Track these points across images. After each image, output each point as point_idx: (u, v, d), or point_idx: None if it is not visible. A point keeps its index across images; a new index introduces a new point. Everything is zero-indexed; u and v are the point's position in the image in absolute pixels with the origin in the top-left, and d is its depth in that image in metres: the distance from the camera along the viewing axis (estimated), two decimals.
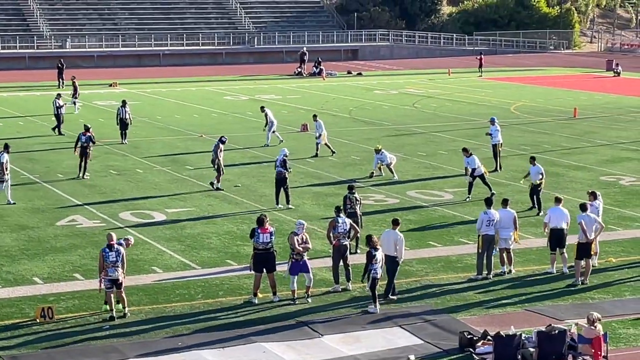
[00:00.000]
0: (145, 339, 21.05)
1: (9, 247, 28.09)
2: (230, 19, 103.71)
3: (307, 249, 23.51)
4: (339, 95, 67.13)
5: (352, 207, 26.92)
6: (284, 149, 33.95)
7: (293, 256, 23.36)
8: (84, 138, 38.05)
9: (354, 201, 26.89)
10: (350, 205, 26.95)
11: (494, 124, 40.59)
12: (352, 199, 26.83)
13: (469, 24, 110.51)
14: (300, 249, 23.31)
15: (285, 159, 33.05)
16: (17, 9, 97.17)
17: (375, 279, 22.78)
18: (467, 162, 34.56)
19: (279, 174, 32.88)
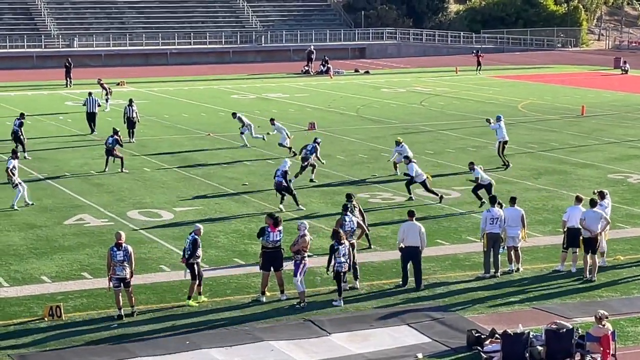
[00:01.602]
0: (154, 338, 21.06)
1: (17, 246, 28.14)
2: (237, 17, 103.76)
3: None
4: (346, 94, 67.13)
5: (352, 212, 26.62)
6: (287, 161, 33.46)
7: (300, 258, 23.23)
8: (110, 140, 38.94)
9: (352, 208, 26.72)
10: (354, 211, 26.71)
11: (499, 120, 40.74)
12: (350, 207, 26.65)
13: (476, 22, 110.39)
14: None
15: (287, 171, 32.67)
16: (24, 8, 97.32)
17: (340, 272, 23.17)
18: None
19: (278, 184, 32.48)
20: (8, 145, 42.11)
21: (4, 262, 26.52)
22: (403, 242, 24.54)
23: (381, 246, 27.80)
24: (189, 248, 23.12)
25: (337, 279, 23.32)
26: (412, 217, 24.88)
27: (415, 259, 24.50)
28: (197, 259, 23.19)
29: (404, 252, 24.55)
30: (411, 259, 24.53)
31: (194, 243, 23.14)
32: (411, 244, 24.45)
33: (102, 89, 57.67)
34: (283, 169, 32.62)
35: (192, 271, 23.18)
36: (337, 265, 23.22)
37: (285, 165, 32.78)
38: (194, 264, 23.17)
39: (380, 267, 26.09)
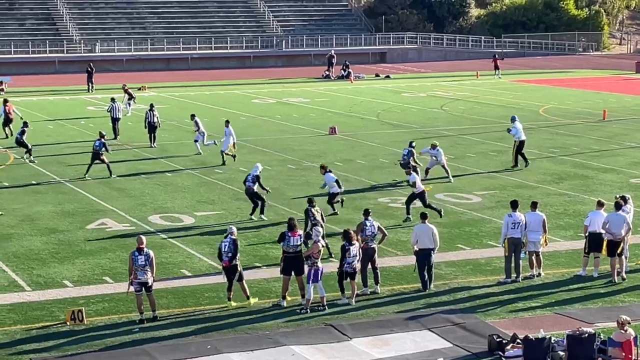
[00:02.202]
0: (175, 342, 21.11)
1: (39, 251, 28.27)
2: (258, 22, 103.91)
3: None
4: (367, 98, 67.13)
5: (315, 219, 26.53)
6: (258, 165, 33.05)
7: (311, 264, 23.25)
8: (97, 143, 38.96)
9: (315, 213, 26.64)
10: (312, 217, 26.57)
11: (514, 121, 41.54)
12: (313, 212, 26.63)
13: (497, 27, 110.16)
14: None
15: (259, 175, 32.29)
16: (47, 14, 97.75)
17: (347, 273, 23.41)
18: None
19: (249, 189, 32.04)
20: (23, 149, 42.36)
21: (27, 267, 26.65)
22: (417, 245, 24.63)
23: (402, 251, 27.77)
24: (229, 250, 23.25)
25: (346, 278, 23.59)
26: (425, 220, 24.92)
27: (428, 261, 24.65)
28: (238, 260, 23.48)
29: (418, 255, 24.61)
30: (426, 261, 24.62)
31: (235, 244, 23.37)
32: (424, 246, 24.58)
33: (125, 94, 57.76)
34: (254, 173, 32.23)
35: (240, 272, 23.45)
36: (347, 266, 23.47)
37: (256, 170, 32.41)
38: (237, 265, 23.34)
39: (401, 272, 26.07)
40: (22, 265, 26.83)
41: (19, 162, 42.41)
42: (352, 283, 23.73)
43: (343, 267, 23.54)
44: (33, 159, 42.11)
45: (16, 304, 23.59)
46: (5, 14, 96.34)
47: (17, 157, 43.32)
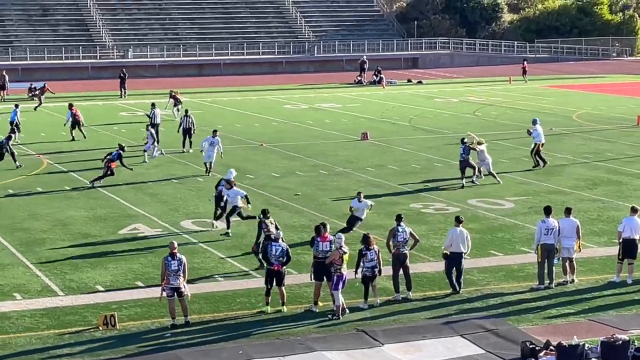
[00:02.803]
0: (207, 348, 21.14)
1: (72, 255, 28.39)
2: (290, 27, 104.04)
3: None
4: (399, 104, 67.02)
5: (268, 229, 26.25)
6: (232, 171, 32.90)
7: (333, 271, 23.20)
8: (114, 153, 38.97)
9: (268, 225, 26.51)
10: (266, 228, 26.31)
11: (535, 124, 42.24)
12: (267, 223, 26.48)
13: (530, 32, 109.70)
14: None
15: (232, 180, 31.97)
16: (80, 20, 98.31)
17: (367, 277, 23.56)
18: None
19: (221, 193, 31.66)
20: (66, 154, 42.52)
21: (60, 271, 26.77)
22: (449, 249, 24.61)
23: (434, 257, 27.67)
24: (281, 254, 23.34)
25: (364, 283, 23.71)
26: (460, 224, 24.92)
27: (459, 264, 24.70)
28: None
29: (449, 259, 24.63)
30: (455, 265, 24.61)
31: (288, 250, 23.54)
32: (457, 250, 24.64)
33: (172, 100, 57.96)
34: (227, 178, 31.97)
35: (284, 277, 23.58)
36: (365, 270, 23.60)
37: (230, 175, 32.19)
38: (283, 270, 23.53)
39: (434, 278, 25.98)
40: (55, 270, 26.95)
41: (52, 167, 42.63)
42: (372, 286, 23.86)
43: (362, 271, 23.63)
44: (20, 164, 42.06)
45: (49, 308, 23.70)
46: (39, 20, 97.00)
47: (51, 163, 43.56)
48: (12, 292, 24.92)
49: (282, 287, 23.50)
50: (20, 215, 33.50)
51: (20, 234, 30.97)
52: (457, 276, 24.76)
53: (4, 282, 25.77)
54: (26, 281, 25.92)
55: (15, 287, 25.40)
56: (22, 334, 21.97)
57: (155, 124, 48.55)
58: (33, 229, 31.53)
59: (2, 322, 22.72)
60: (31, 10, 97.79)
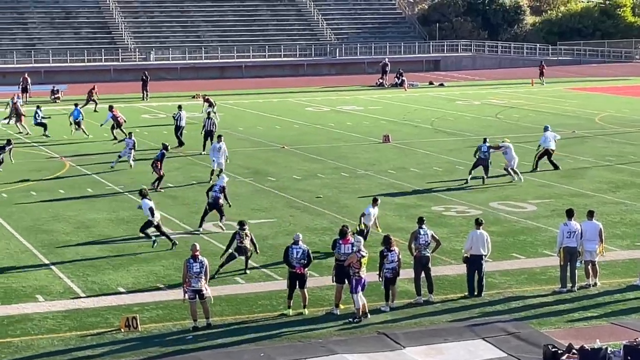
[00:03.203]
0: (228, 350, 21.15)
1: (94, 257, 28.47)
2: (312, 30, 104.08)
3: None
4: (421, 106, 66.94)
5: (242, 241, 26.28)
6: (224, 176, 33.08)
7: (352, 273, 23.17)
8: (159, 154, 38.91)
9: (243, 237, 26.42)
10: (240, 240, 26.35)
11: (546, 130, 42.44)
12: (242, 235, 26.40)
13: (553, 34, 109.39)
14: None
15: (224, 186, 32.08)
16: (102, 23, 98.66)
17: (388, 278, 23.61)
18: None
19: (216, 199, 31.68)
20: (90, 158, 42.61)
21: (82, 273, 26.85)
22: (470, 251, 24.58)
23: (456, 260, 27.59)
24: (302, 257, 23.38)
25: (385, 284, 23.74)
26: (480, 226, 24.94)
27: (480, 267, 24.66)
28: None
29: (469, 262, 24.60)
30: (476, 268, 24.55)
31: (309, 252, 23.59)
32: (477, 252, 24.63)
33: (205, 103, 58.33)
34: (221, 184, 32.04)
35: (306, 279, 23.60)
36: (386, 271, 23.64)
37: (222, 181, 32.25)
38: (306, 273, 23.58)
39: (455, 281, 25.92)
40: (78, 272, 27.04)
41: (74, 170, 42.78)
42: (392, 288, 23.85)
43: (382, 272, 23.67)
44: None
45: (71, 310, 23.78)
46: (61, 23, 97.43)
47: (73, 165, 43.71)
48: (35, 294, 25.02)
49: (304, 289, 23.49)
50: (43, 217, 33.64)
51: (43, 236, 31.10)
52: (479, 279, 24.70)
53: (26, 284, 25.88)
54: (48, 283, 26.03)
55: (37, 288, 25.50)
56: (45, 335, 22.06)
57: (180, 127, 48.58)
58: (56, 231, 31.65)
59: (24, 323, 22.81)
60: (54, 12, 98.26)
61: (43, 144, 49.16)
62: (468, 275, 24.80)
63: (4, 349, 21.20)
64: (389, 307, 23.75)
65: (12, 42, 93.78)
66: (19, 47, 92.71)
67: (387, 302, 23.86)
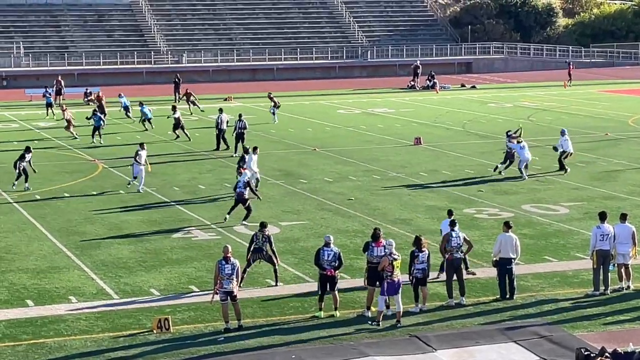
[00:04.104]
0: (260, 352, 21.18)
1: (126, 259, 28.61)
2: (343, 33, 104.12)
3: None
4: (453, 109, 66.79)
5: (258, 243, 25.98)
6: (247, 172, 34.06)
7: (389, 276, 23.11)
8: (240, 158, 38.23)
9: (260, 238, 26.21)
10: (256, 241, 26.03)
11: (563, 135, 42.27)
12: (259, 236, 26.26)
13: (586, 36, 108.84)
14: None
15: (248, 181, 33.21)
16: (135, 25, 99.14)
17: (418, 279, 23.67)
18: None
19: (240, 194, 32.71)
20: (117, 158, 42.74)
21: (114, 275, 26.98)
22: (499, 254, 24.52)
23: (488, 262, 27.50)
24: (333, 259, 23.39)
25: (415, 285, 23.80)
26: (509, 229, 24.85)
27: (510, 270, 24.60)
28: None
29: (500, 265, 24.53)
30: (506, 271, 24.47)
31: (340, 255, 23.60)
32: (507, 255, 24.57)
33: (271, 101, 58.87)
34: (243, 179, 33.06)
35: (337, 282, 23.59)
36: (416, 272, 23.68)
37: (244, 177, 33.22)
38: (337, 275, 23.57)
39: (487, 284, 25.85)
40: (110, 273, 27.17)
41: (107, 172, 43.00)
42: (422, 289, 23.85)
43: (412, 273, 23.72)
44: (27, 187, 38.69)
45: (104, 312, 23.90)
46: (94, 26, 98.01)
47: (106, 167, 43.94)
48: (68, 295, 25.17)
49: (335, 291, 23.50)
50: (76, 218, 33.83)
51: (76, 237, 31.27)
52: (510, 282, 24.62)
53: (59, 285, 26.04)
54: (81, 284, 26.17)
55: (70, 290, 25.65)
56: (77, 336, 22.18)
57: (222, 130, 48.55)
58: (88, 233, 31.82)
59: (57, 324, 22.95)
60: (87, 15, 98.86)
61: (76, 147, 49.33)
62: (499, 278, 24.77)
63: (37, 350, 21.35)
64: (419, 309, 23.74)
65: (45, 45, 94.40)
66: (52, 50, 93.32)
67: (416, 304, 23.85)
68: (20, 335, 22.25)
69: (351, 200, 36.43)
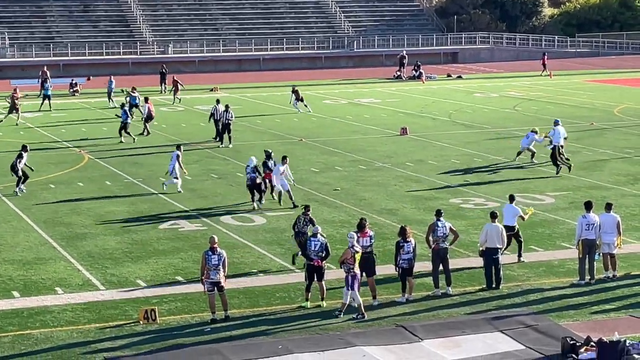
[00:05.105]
0: (247, 342, 21.21)
1: (113, 250, 28.58)
2: (329, 23, 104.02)
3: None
4: (439, 99, 66.84)
5: (298, 226, 26.33)
6: (253, 158, 34.65)
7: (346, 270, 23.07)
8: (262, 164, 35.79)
9: (302, 221, 26.37)
10: (298, 224, 26.37)
11: (557, 125, 40.49)
12: (302, 219, 26.40)
13: (571, 26, 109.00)
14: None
15: (256, 166, 34.08)
16: (120, 16, 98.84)
17: (404, 269, 23.76)
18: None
19: (252, 179, 33.78)
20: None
21: (101, 266, 26.96)
22: (485, 244, 24.61)
23: (474, 252, 27.56)
24: (320, 249, 23.36)
25: (402, 275, 23.89)
26: (495, 219, 24.99)
27: (496, 260, 24.73)
28: None
29: (486, 255, 24.62)
30: (492, 261, 24.57)
31: (327, 245, 23.59)
32: (493, 245, 24.69)
33: (293, 94, 59.07)
34: (252, 165, 33.98)
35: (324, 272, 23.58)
36: (402, 262, 23.77)
37: (252, 162, 34.12)
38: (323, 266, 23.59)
39: (473, 273, 25.91)
40: (96, 264, 27.15)
41: (93, 163, 42.92)
42: (409, 279, 23.94)
43: (398, 263, 23.80)
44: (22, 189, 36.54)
45: (90, 302, 23.89)
46: (80, 16, 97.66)
47: (92, 158, 43.86)
48: (54, 287, 25.14)
49: (322, 282, 23.52)
50: (62, 209, 33.78)
51: (62, 228, 31.23)
52: (496, 272, 24.70)
53: (45, 277, 26.01)
54: (67, 275, 26.14)
55: (56, 281, 25.62)
56: (64, 327, 22.17)
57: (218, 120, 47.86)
58: (74, 224, 31.77)
59: (43, 316, 22.93)
60: (72, 5, 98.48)
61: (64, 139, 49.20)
62: (485, 268, 24.85)
63: (23, 341, 21.32)
64: (405, 299, 23.80)
65: (30, 36, 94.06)
66: (37, 41, 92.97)
67: (403, 294, 23.90)
68: (6, 326, 22.22)
69: (337, 191, 36.46)
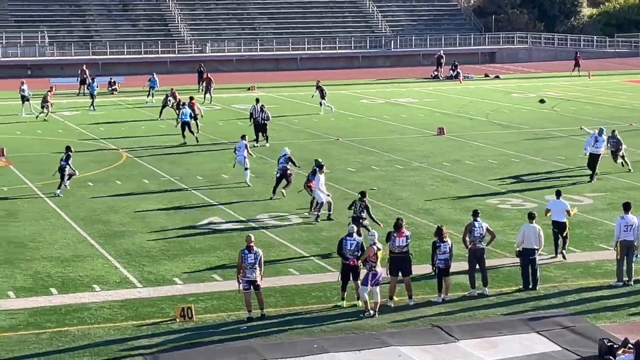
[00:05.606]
0: (282, 340, 21.25)
1: (150, 248, 28.72)
2: (367, 22, 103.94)
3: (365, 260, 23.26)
4: (476, 99, 66.61)
5: (356, 212, 27.14)
6: (286, 149, 35.72)
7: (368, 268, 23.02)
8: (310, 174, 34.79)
9: (358, 206, 27.12)
10: (354, 209, 27.50)
11: (601, 134, 38.91)
12: (357, 205, 26.94)
13: (610, 26, 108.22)
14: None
15: (290, 157, 35.25)
16: (159, 15, 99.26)
17: (441, 269, 23.75)
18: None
19: (284, 170, 34.92)
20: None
21: (138, 264, 27.10)
22: (522, 245, 24.53)
23: (511, 253, 27.45)
24: (356, 249, 23.32)
25: (438, 276, 23.87)
26: (533, 220, 24.86)
27: (533, 261, 24.63)
28: None
29: (523, 256, 24.54)
30: (529, 262, 24.48)
31: (363, 245, 23.53)
32: (530, 246, 24.62)
33: (317, 90, 59.06)
34: (285, 155, 35.00)
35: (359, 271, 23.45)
36: (438, 262, 23.75)
37: (286, 151, 35.16)
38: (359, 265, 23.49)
39: (510, 274, 25.82)
40: (134, 262, 27.30)
41: (131, 161, 43.15)
42: (445, 279, 23.89)
43: (435, 263, 23.77)
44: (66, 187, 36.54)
45: (127, 300, 24.02)
46: (119, 15, 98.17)
47: (130, 157, 44.10)
48: (92, 284, 25.31)
49: (357, 281, 23.52)
50: (100, 207, 33.98)
51: (100, 226, 31.42)
52: (533, 272, 24.60)
53: (83, 274, 26.18)
54: (105, 273, 26.30)
55: (94, 278, 25.79)
56: (101, 325, 22.30)
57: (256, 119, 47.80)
58: (112, 222, 31.96)
59: (81, 313, 23.09)
60: (111, 5, 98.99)
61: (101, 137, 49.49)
62: (522, 268, 24.77)
63: (61, 338, 21.48)
64: (441, 299, 23.76)
65: (69, 34, 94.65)
66: (76, 40, 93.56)
67: (439, 294, 23.86)
68: (44, 323, 22.40)
69: (374, 190, 36.41)
